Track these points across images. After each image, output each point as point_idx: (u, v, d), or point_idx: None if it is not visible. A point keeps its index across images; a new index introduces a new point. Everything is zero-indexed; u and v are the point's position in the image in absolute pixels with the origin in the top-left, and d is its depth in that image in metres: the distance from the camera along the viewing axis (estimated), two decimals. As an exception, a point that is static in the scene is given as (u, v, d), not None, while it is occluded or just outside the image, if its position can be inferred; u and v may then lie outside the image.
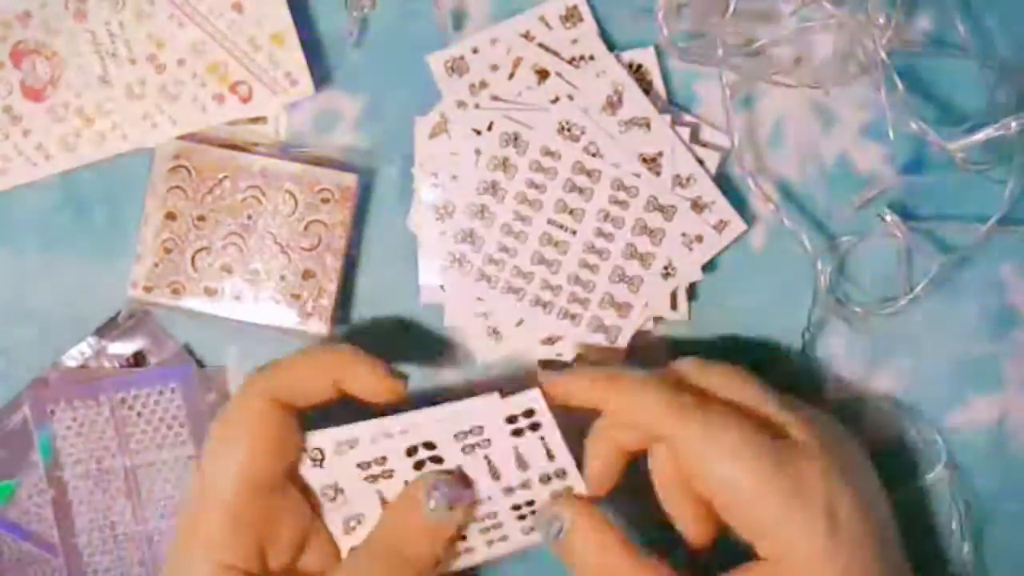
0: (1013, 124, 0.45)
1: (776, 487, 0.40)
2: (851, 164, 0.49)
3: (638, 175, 0.46)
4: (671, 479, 0.43)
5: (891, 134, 0.46)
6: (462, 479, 0.42)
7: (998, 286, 0.50)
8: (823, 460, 0.41)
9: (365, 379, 0.42)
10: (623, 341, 0.47)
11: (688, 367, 0.44)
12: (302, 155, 0.48)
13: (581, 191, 0.47)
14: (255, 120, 0.48)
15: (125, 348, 0.47)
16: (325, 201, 0.46)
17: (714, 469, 0.40)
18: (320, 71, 0.47)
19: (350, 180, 0.46)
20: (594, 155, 0.46)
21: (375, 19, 0.47)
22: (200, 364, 0.48)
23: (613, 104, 0.46)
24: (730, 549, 0.42)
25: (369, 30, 0.48)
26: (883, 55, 0.46)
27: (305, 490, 0.43)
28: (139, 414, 0.47)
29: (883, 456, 0.46)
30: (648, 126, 0.46)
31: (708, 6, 0.46)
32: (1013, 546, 0.50)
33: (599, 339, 0.47)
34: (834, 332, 0.50)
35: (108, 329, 0.47)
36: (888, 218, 0.48)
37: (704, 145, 0.47)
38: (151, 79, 0.48)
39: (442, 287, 0.47)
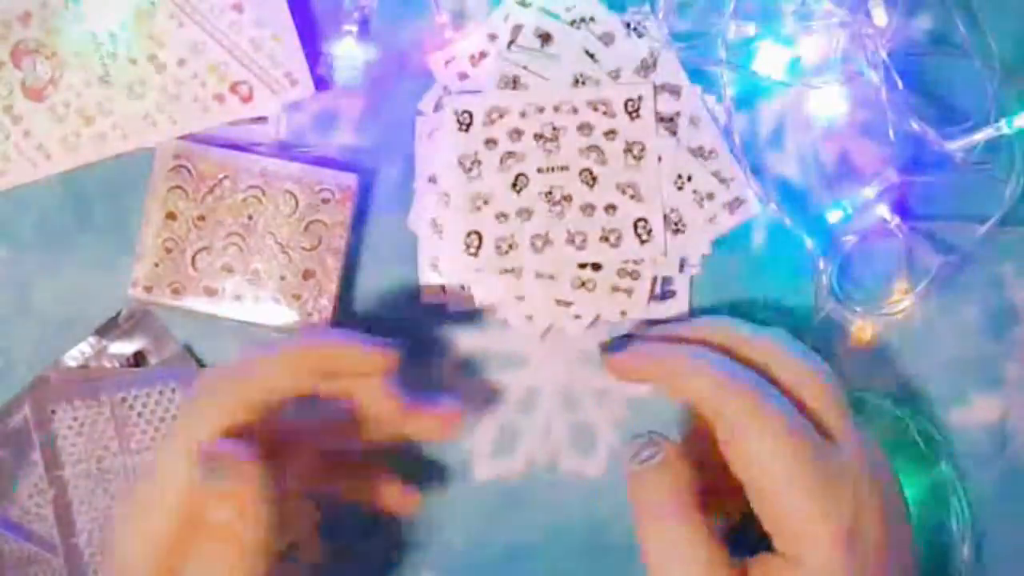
0: (1012, 124, 0.45)
1: (809, 481, 0.39)
2: (851, 164, 0.49)
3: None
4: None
5: (891, 134, 0.47)
6: None
7: (999, 285, 0.49)
8: (858, 470, 0.40)
9: (354, 365, 0.41)
10: (641, 289, 0.46)
11: (760, 342, 0.42)
12: (302, 155, 0.48)
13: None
14: (255, 120, 0.48)
15: (125, 348, 0.47)
16: (325, 201, 0.46)
17: (752, 447, 0.39)
18: (320, 71, 0.47)
19: (350, 180, 0.46)
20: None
21: (375, 19, 0.47)
22: (200, 364, 0.48)
23: (647, 67, 0.47)
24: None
25: (369, 30, 0.48)
26: (883, 55, 0.46)
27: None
28: (139, 414, 0.47)
29: (887, 455, 0.44)
30: (678, 94, 0.47)
31: (709, 5, 0.47)
32: (1013, 547, 0.49)
33: (617, 301, 0.47)
34: (836, 332, 0.49)
35: (108, 329, 0.47)
36: (888, 218, 0.47)
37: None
38: (151, 79, 0.47)
39: (443, 286, 0.47)
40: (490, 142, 0.47)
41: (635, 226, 0.46)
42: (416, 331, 0.48)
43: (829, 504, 0.39)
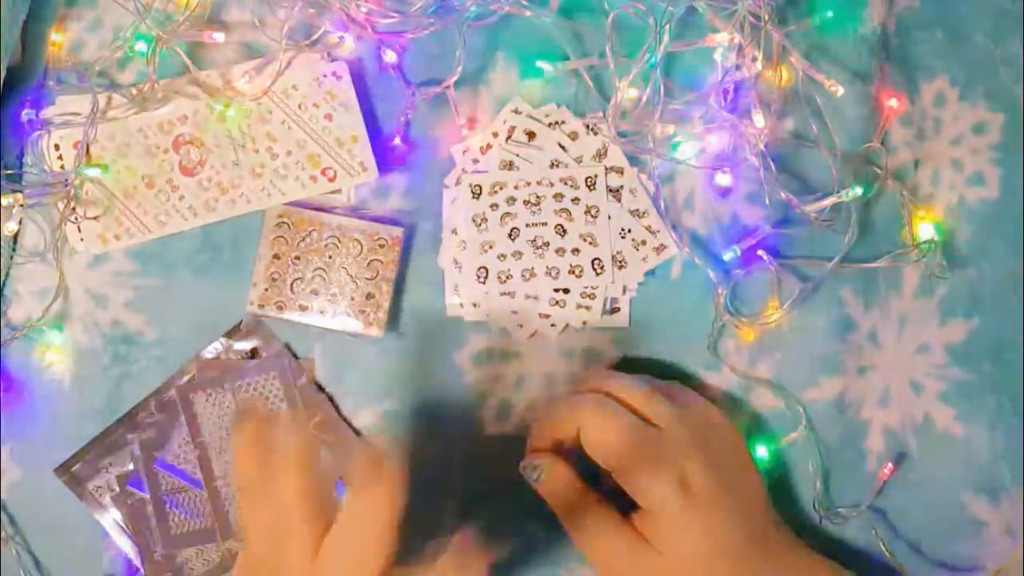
0: (849, 194, 0.52)
1: (640, 461, 0.46)
2: (740, 221, 0.54)
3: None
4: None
5: (767, 200, 0.53)
6: None
7: (840, 303, 0.55)
8: (680, 443, 0.47)
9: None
10: (596, 306, 0.53)
11: (596, 377, 0.50)
12: (366, 215, 0.52)
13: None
14: (335, 192, 0.52)
15: (245, 346, 0.53)
16: (381, 246, 0.52)
17: (600, 445, 0.47)
18: (380, 160, 0.52)
19: (398, 232, 0.52)
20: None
21: (415, 123, 0.53)
22: (296, 357, 0.53)
23: (600, 155, 0.53)
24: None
25: (411, 130, 0.53)
26: (762, 147, 0.52)
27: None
28: (254, 390, 0.52)
29: (764, 421, 0.55)
30: (622, 172, 0.53)
31: (644, 114, 0.52)
32: (848, 481, 0.55)
33: (585, 309, 0.53)
34: (729, 335, 0.55)
35: (233, 333, 0.53)
36: (765, 257, 0.53)
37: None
38: (268, 164, 0.51)
39: (461, 304, 0.53)
40: (493, 206, 0.52)
41: (592, 264, 0.52)
42: (442, 335, 0.53)
43: (659, 472, 0.46)
